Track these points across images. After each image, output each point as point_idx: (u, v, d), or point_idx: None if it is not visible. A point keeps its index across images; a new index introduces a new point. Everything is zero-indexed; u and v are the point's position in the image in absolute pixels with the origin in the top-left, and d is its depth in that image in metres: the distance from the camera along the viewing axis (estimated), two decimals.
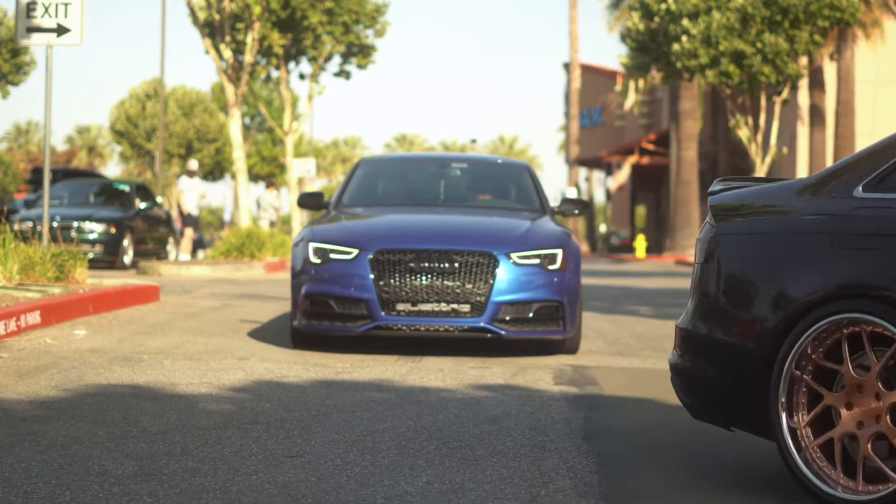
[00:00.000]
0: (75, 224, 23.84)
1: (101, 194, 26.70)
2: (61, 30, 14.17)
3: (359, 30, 34.99)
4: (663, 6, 34.82)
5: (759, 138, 37.20)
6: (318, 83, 35.44)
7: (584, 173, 77.11)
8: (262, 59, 34.23)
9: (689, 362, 5.42)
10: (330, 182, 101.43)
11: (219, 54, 29.94)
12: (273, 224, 36.00)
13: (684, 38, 34.33)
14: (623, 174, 69.49)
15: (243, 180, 30.30)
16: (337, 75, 35.93)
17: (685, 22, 34.19)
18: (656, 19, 35.25)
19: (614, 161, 67.50)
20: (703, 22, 33.95)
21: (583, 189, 71.84)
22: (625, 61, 41.00)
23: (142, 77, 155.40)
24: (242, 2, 29.80)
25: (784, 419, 4.95)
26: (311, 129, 61.68)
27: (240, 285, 19.03)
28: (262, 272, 23.41)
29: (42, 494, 4.71)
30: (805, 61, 36.27)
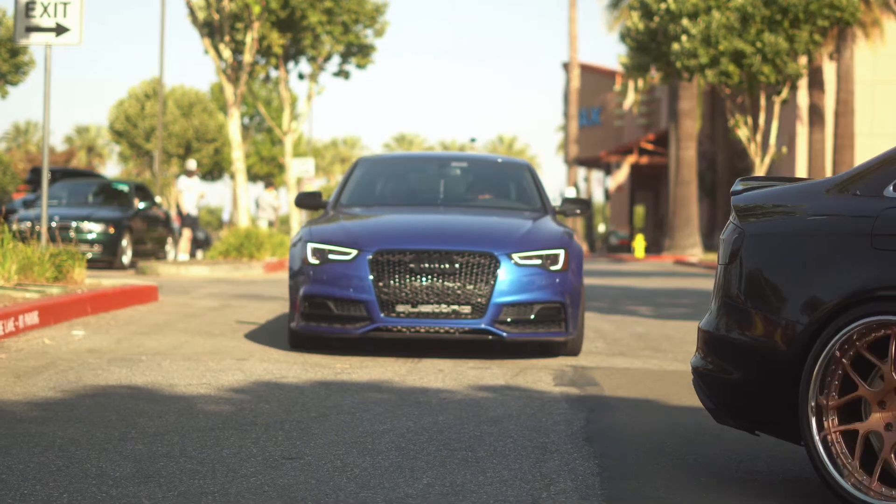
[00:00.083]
0: (74, 224, 23.78)
1: (99, 194, 26.65)
2: (60, 29, 14.14)
3: (358, 29, 35.01)
4: (663, 6, 34.81)
5: (759, 138, 37.18)
6: (317, 83, 35.48)
7: (583, 173, 77.21)
8: (261, 58, 34.24)
9: (712, 365, 5.30)
10: (329, 182, 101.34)
11: (218, 54, 29.91)
12: (272, 224, 35.99)
13: (684, 38, 34.32)
14: (622, 174, 69.54)
15: (242, 180, 30.28)
16: (336, 75, 35.95)
17: (685, 21, 34.18)
18: (656, 19, 35.24)
19: (613, 161, 67.57)
20: (702, 21, 33.95)
21: (581, 189, 71.91)
22: (624, 61, 41.04)
23: (141, 77, 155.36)
24: (242, 1, 29.77)
25: (814, 424, 4.81)
26: (310, 128, 61.63)
27: (239, 285, 19.00)
28: (260, 272, 23.38)
29: (39, 497, 4.67)
30: (805, 61, 36.25)
